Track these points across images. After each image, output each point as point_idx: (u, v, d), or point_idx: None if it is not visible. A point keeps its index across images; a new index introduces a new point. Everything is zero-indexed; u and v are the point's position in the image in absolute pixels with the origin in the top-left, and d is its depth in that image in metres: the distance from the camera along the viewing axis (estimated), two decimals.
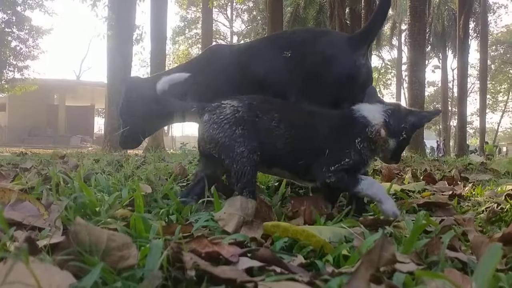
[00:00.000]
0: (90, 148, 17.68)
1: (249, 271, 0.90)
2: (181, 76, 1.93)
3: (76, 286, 0.63)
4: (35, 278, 0.58)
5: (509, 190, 2.48)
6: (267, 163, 1.74)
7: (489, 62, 38.27)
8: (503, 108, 51.76)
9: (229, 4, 44.16)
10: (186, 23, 44.46)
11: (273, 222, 1.28)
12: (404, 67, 39.54)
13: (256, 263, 0.90)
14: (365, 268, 0.67)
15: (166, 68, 26.25)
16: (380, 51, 43.09)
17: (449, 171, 4.14)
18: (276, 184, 2.38)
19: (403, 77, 39.69)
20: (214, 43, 30.49)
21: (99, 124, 38.84)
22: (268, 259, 0.92)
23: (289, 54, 2.00)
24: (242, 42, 47.19)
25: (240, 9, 45.14)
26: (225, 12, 45.73)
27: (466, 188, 2.81)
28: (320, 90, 1.90)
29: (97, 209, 1.48)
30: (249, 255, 1.00)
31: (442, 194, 2.48)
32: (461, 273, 0.96)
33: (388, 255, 0.81)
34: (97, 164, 3.40)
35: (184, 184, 2.33)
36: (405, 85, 29.02)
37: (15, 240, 1.07)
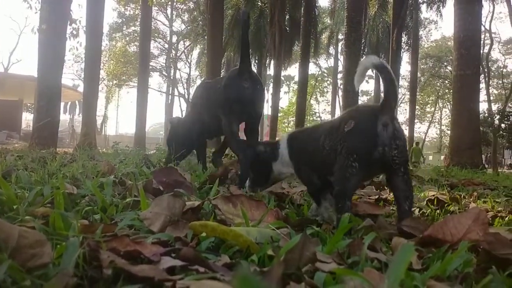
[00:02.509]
0: (16, 145, 16.79)
1: (172, 270, 0.88)
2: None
3: None
4: None
5: (430, 196, 2.62)
6: None
7: (419, 74, 40.18)
8: (430, 119, 54.64)
9: (170, 3, 43.56)
10: (124, 19, 43.41)
11: (201, 221, 1.26)
12: (340, 76, 40.70)
13: (178, 263, 0.89)
14: (277, 267, 0.67)
15: (102, 65, 25.45)
16: (318, 59, 44.20)
17: (377, 177, 4.29)
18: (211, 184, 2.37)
19: (339, 85, 40.83)
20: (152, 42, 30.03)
21: (27, 120, 37.04)
22: (191, 258, 0.90)
23: (219, 86, 2.99)
24: (181, 42, 46.77)
25: (180, 9, 44.64)
26: (165, 11, 45.09)
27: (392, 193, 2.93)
28: (224, 107, 2.89)
29: (15, 206, 1.40)
30: (173, 255, 0.98)
31: (369, 198, 2.56)
32: (379, 273, 0.99)
33: (309, 254, 0.82)
34: (21, 161, 3.24)
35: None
36: (340, 93, 29.85)
37: None
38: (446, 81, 46.45)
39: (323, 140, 1.71)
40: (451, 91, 14.81)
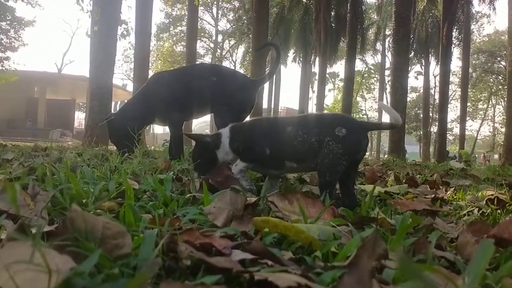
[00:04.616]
0: (69, 143, 17.44)
1: (241, 263, 0.90)
2: None
3: (76, 269, 0.62)
4: (44, 260, 0.58)
5: (489, 195, 2.54)
6: None
7: (470, 70, 38.85)
8: (482, 116, 52.72)
9: (215, 2, 44.05)
10: (171, 20, 44.27)
11: (263, 217, 1.28)
12: (387, 72, 39.94)
13: (248, 256, 0.90)
14: (366, 258, 0.68)
15: (150, 65, 26.08)
16: (364, 55, 43.48)
17: (431, 176, 4.20)
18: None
19: (386, 82, 40.07)
20: (198, 42, 30.48)
21: (79, 119, 38.48)
22: (260, 252, 0.92)
23: (215, 79, 3.71)
24: (226, 41, 47.18)
25: (225, 8, 45.07)
26: (210, 11, 45.63)
27: (448, 192, 2.86)
28: (233, 105, 3.63)
29: (84, 200, 1.47)
30: (240, 248, 1.00)
31: (425, 197, 2.52)
32: (448, 271, 0.97)
33: (380, 251, 0.82)
34: (80, 158, 3.37)
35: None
36: (388, 90, 29.26)
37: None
38: (500, 77, 44.71)
39: (294, 131, 2.03)
40: (505, 87, 14.26)
